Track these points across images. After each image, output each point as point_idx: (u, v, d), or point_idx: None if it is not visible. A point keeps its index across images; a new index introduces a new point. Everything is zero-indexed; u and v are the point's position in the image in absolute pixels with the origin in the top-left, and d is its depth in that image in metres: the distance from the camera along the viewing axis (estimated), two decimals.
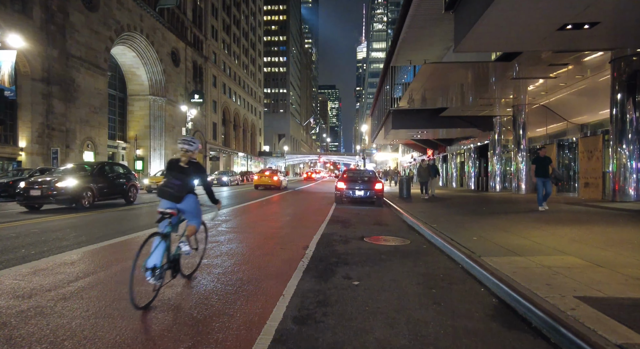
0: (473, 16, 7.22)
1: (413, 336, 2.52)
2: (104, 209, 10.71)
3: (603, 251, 4.53)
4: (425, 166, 15.47)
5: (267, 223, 8.26)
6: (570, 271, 3.61)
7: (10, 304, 2.94)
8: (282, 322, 2.71)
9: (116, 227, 7.32)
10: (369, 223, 8.37)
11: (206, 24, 50.79)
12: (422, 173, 15.24)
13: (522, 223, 7.20)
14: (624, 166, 9.80)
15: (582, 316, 2.49)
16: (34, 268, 4.05)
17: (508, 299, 3.17)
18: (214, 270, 4.18)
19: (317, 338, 2.47)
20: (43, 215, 9.19)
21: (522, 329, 2.68)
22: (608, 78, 10.81)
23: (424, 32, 13.62)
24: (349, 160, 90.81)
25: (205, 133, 50.03)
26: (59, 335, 2.40)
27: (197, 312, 2.88)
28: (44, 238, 5.90)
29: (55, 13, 24.24)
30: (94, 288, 3.41)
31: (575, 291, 3.00)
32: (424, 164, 15.82)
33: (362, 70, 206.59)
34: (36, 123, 23.40)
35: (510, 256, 4.31)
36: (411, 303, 3.19)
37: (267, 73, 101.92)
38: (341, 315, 2.87)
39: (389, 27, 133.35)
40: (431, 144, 31.21)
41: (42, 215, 9.19)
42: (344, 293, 3.42)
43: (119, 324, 2.60)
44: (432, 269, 4.34)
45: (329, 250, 5.30)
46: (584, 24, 6.97)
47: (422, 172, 15.26)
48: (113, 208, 11.13)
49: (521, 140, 16.44)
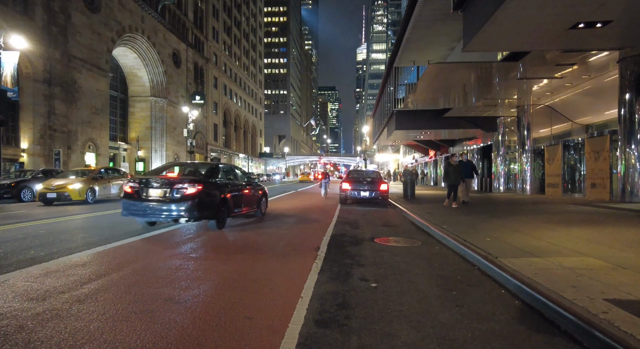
0: (483, 16, 7.17)
1: (441, 340, 2.45)
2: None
3: (623, 252, 4.46)
4: (455, 163, 11.09)
5: (275, 223, 8.17)
6: (594, 272, 3.54)
7: (25, 307, 2.86)
8: (305, 325, 2.64)
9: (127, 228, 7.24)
10: (377, 224, 8.30)
11: (207, 26, 50.82)
12: (450, 174, 10.92)
13: (532, 223, 7.13)
14: (633, 166, 9.74)
15: (617, 319, 2.41)
16: (45, 270, 3.98)
17: (532, 301, 3.10)
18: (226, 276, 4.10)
19: (343, 342, 2.40)
20: (41, 215, 9.12)
21: (552, 333, 2.60)
22: (614, 78, 10.77)
23: (429, 32, 13.60)
24: (350, 161, 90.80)
25: (206, 134, 50.00)
26: (78, 339, 2.32)
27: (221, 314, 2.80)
28: (51, 239, 5.83)
29: (57, 14, 24.23)
30: (109, 290, 3.34)
31: (604, 293, 2.93)
32: (453, 161, 11.18)
33: (362, 71, 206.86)
34: (38, 124, 23.36)
35: (528, 258, 4.23)
36: (433, 305, 3.11)
37: (267, 74, 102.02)
38: (364, 318, 2.80)
39: (389, 29, 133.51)
40: (433, 145, 31.17)
41: (40, 215, 9.12)
42: (363, 295, 3.34)
43: (138, 327, 2.53)
44: (448, 270, 4.27)
45: (341, 252, 5.23)
46: (597, 23, 6.92)
47: (452, 171, 10.91)
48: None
49: (526, 140, 16.39)
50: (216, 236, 6.39)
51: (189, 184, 6.43)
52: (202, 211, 6.47)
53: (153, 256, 4.79)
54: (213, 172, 7.46)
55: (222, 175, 7.72)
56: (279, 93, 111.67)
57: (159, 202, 6.37)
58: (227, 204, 7.28)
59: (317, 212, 10.79)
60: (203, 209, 6.50)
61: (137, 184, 6.60)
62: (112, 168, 16.41)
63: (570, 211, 9.19)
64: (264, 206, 9.57)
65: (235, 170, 8.84)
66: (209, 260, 4.68)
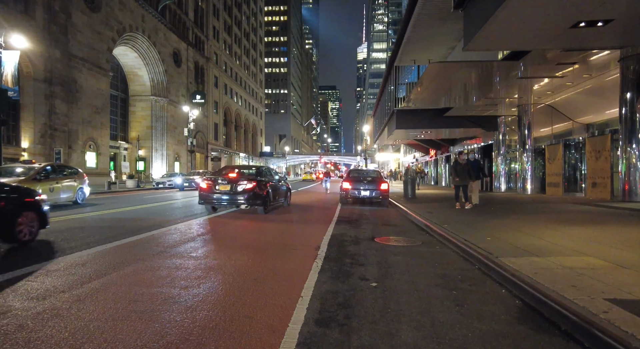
0: (484, 15, 7.15)
1: (441, 340, 2.44)
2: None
3: (623, 251, 4.45)
4: (463, 161, 10.30)
5: (276, 222, 8.18)
6: (594, 272, 3.53)
7: (26, 306, 2.87)
8: (305, 325, 2.64)
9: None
10: (377, 223, 8.30)
11: (208, 25, 50.79)
12: (460, 172, 10.17)
13: (533, 223, 7.12)
14: (634, 166, 9.72)
15: (617, 319, 2.41)
16: (45, 269, 3.98)
17: (533, 301, 3.10)
18: (226, 274, 4.11)
19: (343, 341, 2.40)
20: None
21: (552, 333, 2.60)
22: (615, 77, 10.75)
23: (429, 32, 13.57)
24: (350, 161, 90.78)
25: (207, 133, 50.02)
26: (78, 338, 2.32)
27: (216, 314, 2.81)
28: (52, 238, 5.84)
29: (58, 13, 24.22)
30: (109, 289, 3.34)
31: (604, 293, 2.92)
32: (461, 159, 10.36)
33: (362, 70, 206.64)
34: (39, 123, 23.37)
35: (528, 257, 4.23)
36: (433, 305, 3.11)
37: (268, 73, 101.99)
38: (364, 318, 2.80)
39: (390, 28, 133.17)
40: (434, 144, 31.13)
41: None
42: (363, 295, 3.34)
43: (138, 327, 2.53)
44: (448, 270, 4.27)
45: (341, 251, 5.23)
46: (598, 22, 6.90)
47: (460, 170, 10.18)
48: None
49: (526, 140, 16.37)
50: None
51: (247, 182, 9.21)
52: (255, 200, 9.24)
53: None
54: (259, 172, 10.29)
55: (264, 175, 10.38)
56: (279, 93, 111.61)
57: (226, 194, 9.15)
58: (269, 196, 9.87)
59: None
60: (256, 199, 9.26)
61: (210, 181, 9.35)
62: (63, 165, 13.22)
63: (571, 211, 9.18)
64: (289, 198, 12.65)
65: (271, 171, 11.78)
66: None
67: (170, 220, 8.29)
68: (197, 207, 11.10)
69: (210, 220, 8.34)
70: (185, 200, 14.39)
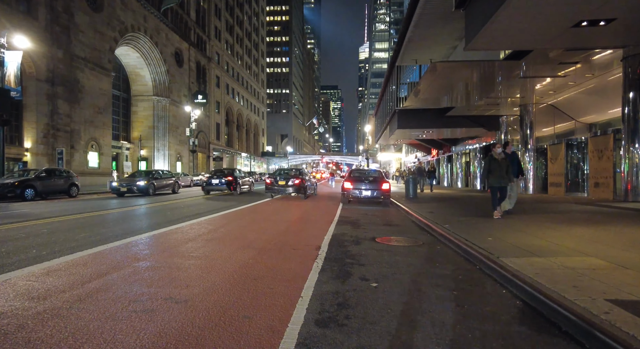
0: (485, 14, 7.13)
1: (441, 340, 2.44)
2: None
3: (625, 252, 4.43)
4: (501, 157, 7.85)
5: (275, 223, 8.18)
6: (596, 272, 3.51)
7: (26, 306, 2.88)
8: (305, 325, 2.64)
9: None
10: (379, 223, 8.28)
11: (209, 25, 50.87)
12: (495, 171, 7.81)
13: (535, 223, 7.09)
14: (637, 165, 9.67)
15: (618, 320, 2.39)
16: (46, 269, 3.99)
17: (534, 301, 3.08)
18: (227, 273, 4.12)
19: (343, 341, 2.39)
20: (40, 215, 9.16)
21: (553, 334, 2.59)
22: (618, 76, 10.69)
23: (431, 31, 13.54)
24: (352, 160, 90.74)
25: (209, 133, 50.10)
26: (78, 338, 2.33)
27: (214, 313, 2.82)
28: (53, 238, 5.86)
29: (60, 14, 24.31)
30: (109, 289, 3.35)
31: (605, 293, 2.91)
32: (497, 153, 7.87)
33: (364, 70, 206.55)
34: (41, 123, 23.47)
35: (530, 257, 4.21)
36: (434, 305, 3.10)
37: (269, 73, 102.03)
38: (364, 318, 2.79)
39: (392, 28, 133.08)
40: (436, 144, 31.09)
41: (38, 214, 9.16)
42: (363, 295, 3.34)
43: (138, 326, 2.53)
44: (449, 270, 4.25)
45: (342, 251, 5.22)
46: (600, 21, 6.87)
47: (496, 167, 7.81)
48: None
49: (528, 139, 16.32)
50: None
51: (296, 178, 14.98)
52: (300, 191, 15.05)
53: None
54: (300, 171, 16.30)
55: (303, 174, 15.78)
56: (281, 92, 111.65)
57: (283, 187, 14.92)
58: (307, 188, 15.47)
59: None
60: (300, 190, 15.01)
61: (273, 178, 15.29)
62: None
63: (573, 211, 9.14)
64: (316, 190, 18.92)
65: (305, 170, 18.67)
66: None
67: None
68: None
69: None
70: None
